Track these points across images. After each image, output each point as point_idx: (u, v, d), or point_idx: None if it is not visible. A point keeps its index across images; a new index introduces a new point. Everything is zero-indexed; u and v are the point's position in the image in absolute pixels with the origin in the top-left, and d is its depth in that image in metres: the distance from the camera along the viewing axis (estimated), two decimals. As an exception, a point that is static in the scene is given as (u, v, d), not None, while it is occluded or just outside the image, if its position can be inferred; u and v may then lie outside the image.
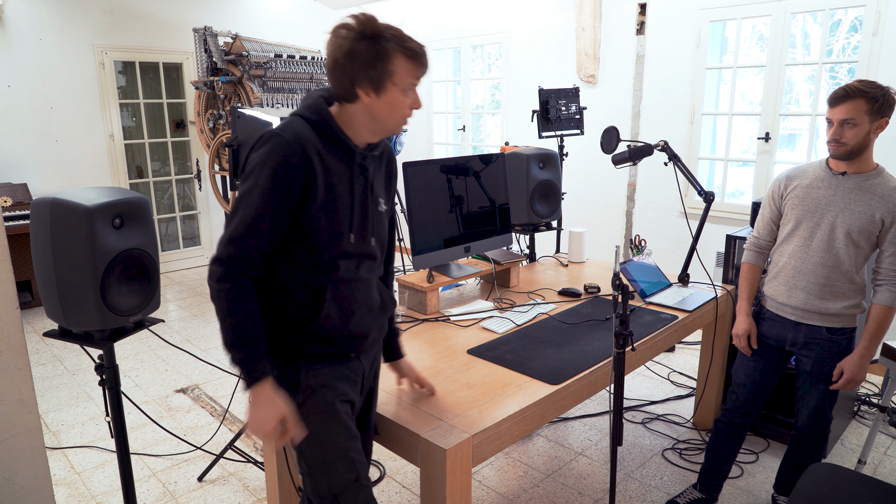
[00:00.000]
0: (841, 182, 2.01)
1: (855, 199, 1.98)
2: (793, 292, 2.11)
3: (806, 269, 2.07)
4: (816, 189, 2.05)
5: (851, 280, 2.03)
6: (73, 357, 4.02)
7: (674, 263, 4.26)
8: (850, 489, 1.67)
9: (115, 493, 2.58)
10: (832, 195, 2.02)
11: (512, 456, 2.86)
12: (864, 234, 1.97)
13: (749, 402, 2.29)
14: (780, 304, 2.16)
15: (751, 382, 2.27)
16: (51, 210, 1.58)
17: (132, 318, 1.73)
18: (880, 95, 1.88)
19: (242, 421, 3.17)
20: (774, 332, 2.20)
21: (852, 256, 2.00)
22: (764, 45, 4.20)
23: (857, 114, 1.88)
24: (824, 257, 2.03)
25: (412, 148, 6.43)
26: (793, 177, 2.14)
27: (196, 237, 6.43)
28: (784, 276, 2.14)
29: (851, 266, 2.01)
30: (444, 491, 1.52)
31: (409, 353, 2.08)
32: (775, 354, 2.24)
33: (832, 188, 2.02)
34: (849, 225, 1.97)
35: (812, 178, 2.08)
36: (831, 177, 2.03)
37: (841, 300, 2.05)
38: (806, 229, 2.07)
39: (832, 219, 2.00)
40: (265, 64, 4.73)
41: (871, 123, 1.90)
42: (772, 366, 2.25)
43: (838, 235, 2.00)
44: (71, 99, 5.37)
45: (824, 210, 2.02)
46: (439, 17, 6.03)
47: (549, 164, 3.07)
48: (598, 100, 4.87)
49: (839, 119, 1.92)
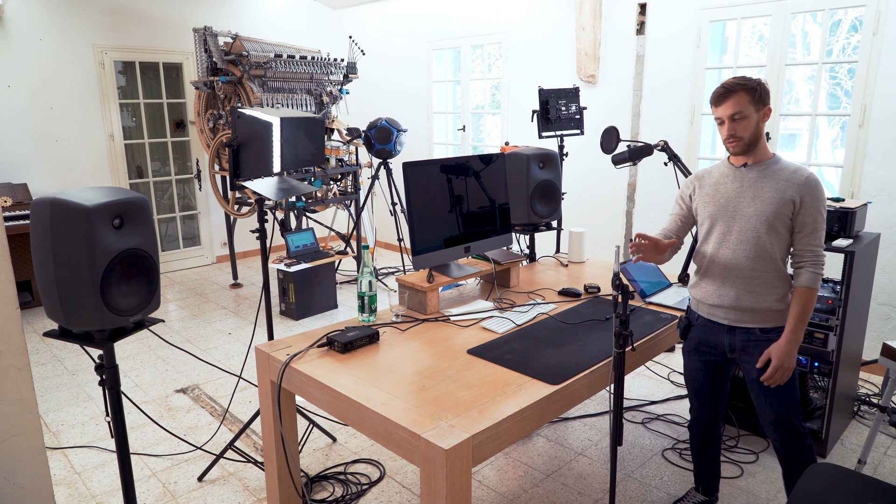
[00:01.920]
0: (745, 173, 2.05)
1: (762, 187, 2.01)
2: (722, 290, 2.08)
3: (731, 265, 2.05)
4: (724, 185, 2.09)
5: (777, 269, 2.03)
6: (73, 357, 4.02)
7: (674, 263, 4.25)
8: (850, 489, 1.67)
9: (115, 493, 2.58)
10: (740, 187, 2.05)
11: (512, 456, 2.86)
12: (780, 219, 1.98)
13: (705, 410, 2.28)
14: (711, 307, 2.13)
15: (702, 391, 2.26)
16: (51, 210, 1.58)
17: (132, 318, 1.73)
18: (756, 85, 1.97)
19: (242, 421, 3.18)
20: (712, 340, 2.15)
21: (775, 244, 2.00)
22: (764, 45, 4.20)
23: (742, 106, 1.96)
24: (748, 249, 2.02)
25: (412, 148, 6.44)
26: (700, 177, 2.17)
27: (196, 237, 6.43)
28: (711, 276, 2.12)
29: (776, 253, 2.01)
30: (444, 491, 1.52)
31: (410, 352, 2.08)
32: (719, 362, 2.19)
33: (738, 180, 2.06)
34: (763, 211, 1.99)
35: (717, 175, 2.12)
36: (735, 171, 2.08)
37: (771, 292, 2.02)
38: (723, 225, 2.08)
39: (746, 209, 2.03)
40: (265, 64, 4.73)
41: (756, 113, 1.98)
42: (715, 374, 2.22)
43: (756, 224, 2.01)
44: (71, 99, 5.37)
45: (736, 203, 2.05)
46: (439, 17, 6.03)
47: (549, 164, 3.07)
48: (598, 100, 4.87)
49: (728, 115, 1.98)
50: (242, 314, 4.88)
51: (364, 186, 5.70)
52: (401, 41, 6.47)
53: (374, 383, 1.85)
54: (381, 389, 1.81)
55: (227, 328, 4.57)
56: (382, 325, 2.32)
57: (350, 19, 7.00)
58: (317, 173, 4.96)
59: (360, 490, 2.59)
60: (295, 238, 4.64)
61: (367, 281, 2.32)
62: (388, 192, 5.30)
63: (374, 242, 6.85)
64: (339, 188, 5.31)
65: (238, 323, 4.68)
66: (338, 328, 2.26)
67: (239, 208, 5.24)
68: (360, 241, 5.45)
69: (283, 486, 2.20)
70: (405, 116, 6.52)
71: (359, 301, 2.35)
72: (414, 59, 6.37)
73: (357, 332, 2.15)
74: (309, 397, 1.95)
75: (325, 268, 4.81)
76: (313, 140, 2.92)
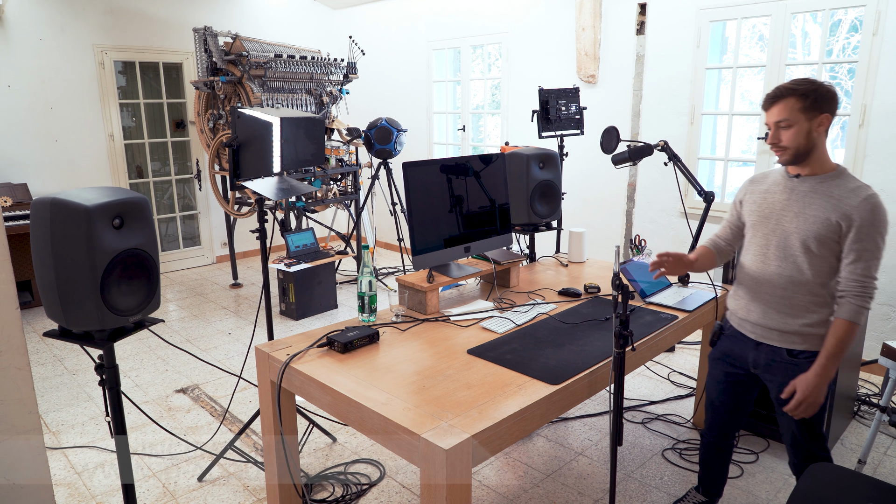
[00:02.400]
0: (796, 185, 1.88)
1: (809, 203, 1.83)
2: (750, 306, 1.98)
3: (763, 280, 1.93)
4: (773, 195, 1.94)
5: (813, 292, 1.85)
6: (73, 357, 4.02)
7: (674, 263, 4.25)
8: (850, 489, 1.67)
9: (115, 493, 2.58)
10: (786, 199, 1.89)
11: (512, 456, 2.86)
12: (821, 241, 1.80)
13: (720, 422, 2.20)
14: (740, 320, 2.04)
15: (719, 403, 2.18)
16: (51, 210, 1.58)
17: (132, 318, 1.73)
18: (811, 91, 1.77)
19: (242, 421, 3.18)
20: (736, 352, 2.07)
21: (813, 266, 1.83)
22: (764, 45, 4.20)
23: (789, 113, 1.79)
24: (781, 266, 1.88)
25: (412, 148, 6.44)
26: (754, 181, 2.05)
27: (196, 237, 6.43)
28: (743, 288, 2.02)
29: (812, 276, 1.84)
30: (444, 491, 1.52)
31: (410, 352, 2.08)
32: (741, 377, 2.10)
33: (787, 192, 1.90)
34: (805, 230, 1.82)
35: (769, 183, 1.98)
36: (787, 181, 1.92)
37: (801, 315, 1.87)
38: (762, 237, 1.95)
39: (786, 224, 1.87)
40: (265, 64, 4.73)
41: (808, 122, 1.79)
42: (737, 388, 2.12)
43: (794, 242, 1.85)
44: (71, 99, 5.37)
45: (779, 216, 1.90)
46: (439, 17, 6.03)
47: (549, 164, 3.07)
48: (598, 100, 4.87)
49: (773, 122, 1.83)
50: (242, 314, 4.88)
51: (364, 186, 5.71)
52: (401, 41, 6.47)
53: (373, 383, 1.85)
54: (381, 389, 1.81)
55: (227, 328, 4.57)
56: (382, 325, 2.32)
57: (350, 19, 7.00)
58: (317, 173, 4.97)
59: (360, 490, 2.59)
60: (295, 238, 4.64)
61: (367, 281, 2.32)
62: (388, 192, 5.30)
63: (374, 242, 6.85)
64: (339, 188, 5.31)
65: (238, 323, 4.68)
66: (338, 328, 2.26)
67: (239, 208, 5.24)
68: (360, 241, 5.46)
69: (283, 486, 2.20)
70: (405, 116, 6.52)
71: (359, 301, 2.35)
72: (414, 58, 6.37)
73: (357, 332, 2.15)
74: (309, 397, 1.95)
75: (325, 268, 4.81)
76: (313, 140, 2.92)
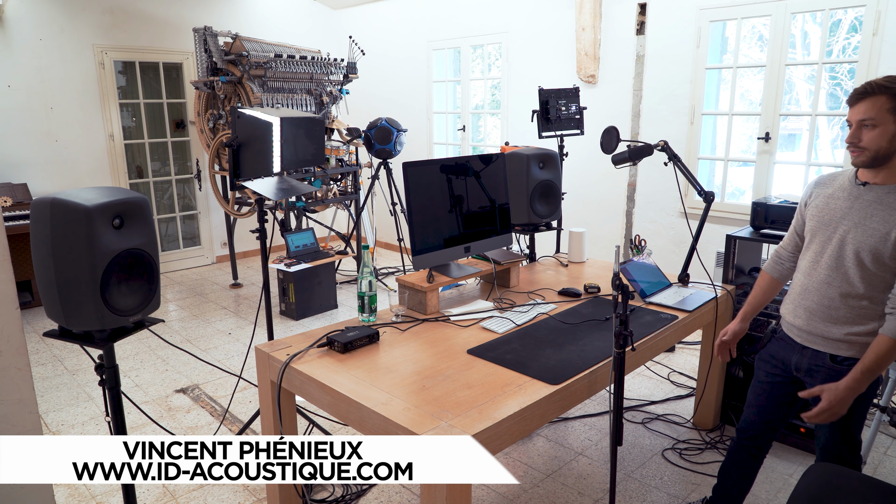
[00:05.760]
0: (862, 193, 1.76)
1: (872, 214, 1.72)
2: (797, 311, 1.92)
3: (811, 288, 1.87)
4: (836, 200, 1.82)
5: (860, 307, 1.77)
6: (73, 357, 4.02)
7: (674, 263, 4.25)
8: (850, 489, 1.67)
9: (115, 493, 2.58)
10: (850, 207, 1.77)
11: (512, 456, 2.86)
12: (877, 256, 1.70)
13: (755, 424, 2.11)
14: (788, 324, 1.98)
15: (756, 404, 2.10)
16: (51, 210, 1.58)
17: (132, 318, 1.73)
18: None
19: (242, 421, 3.17)
20: (781, 354, 2.01)
21: (864, 281, 1.75)
22: (764, 45, 4.20)
23: (876, 112, 1.63)
24: (830, 276, 1.81)
25: (412, 148, 6.43)
26: (819, 184, 1.92)
27: (196, 237, 6.43)
28: (793, 294, 1.96)
29: (863, 289, 1.75)
30: (444, 491, 1.52)
31: (410, 352, 2.08)
32: (783, 380, 2.02)
33: (850, 200, 1.78)
34: (861, 242, 1.73)
35: (836, 187, 1.85)
36: (853, 187, 1.79)
37: (845, 325, 1.80)
38: (818, 244, 1.85)
39: (843, 234, 1.77)
40: (265, 64, 4.73)
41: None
42: (778, 391, 2.04)
43: (847, 253, 1.76)
44: (71, 99, 5.37)
45: (838, 224, 1.79)
46: (439, 17, 6.03)
47: (549, 164, 3.07)
48: (598, 100, 4.87)
49: (857, 120, 1.68)
50: (242, 314, 4.88)
51: (364, 186, 5.70)
52: (401, 41, 6.47)
53: (373, 383, 1.85)
54: (381, 389, 1.81)
55: (227, 328, 4.57)
56: (382, 325, 2.32)
57: (350, 19, 7.00)
58: (317, 173, 4.96)
59: (360, 490, 2.59)
60: (295, 238, 4.64)
61: (367, 281, 2.32)
62: (388, 192, 5.30)
63: (374, 242, 6.84)
64: (339, 188, 5.31)
65: (238, 323, 4.68)
66: (338, 328, 2.26)
67: (239, 208, 5.24)
68: (360, 241, 5.45)
69: (283, 486, 2.20)
70: (405, 116, 6.52)
71: (359, 301, 2.35)
72: (414, 59, 6.37)
73: (357, 332, 2.15)
74: (309, 397, 1.95)
75: (325, 268, 4.81)
76: (313, 140, 2.92)
